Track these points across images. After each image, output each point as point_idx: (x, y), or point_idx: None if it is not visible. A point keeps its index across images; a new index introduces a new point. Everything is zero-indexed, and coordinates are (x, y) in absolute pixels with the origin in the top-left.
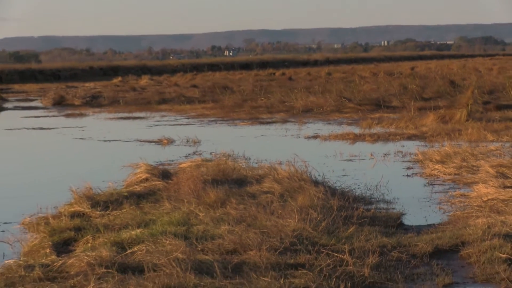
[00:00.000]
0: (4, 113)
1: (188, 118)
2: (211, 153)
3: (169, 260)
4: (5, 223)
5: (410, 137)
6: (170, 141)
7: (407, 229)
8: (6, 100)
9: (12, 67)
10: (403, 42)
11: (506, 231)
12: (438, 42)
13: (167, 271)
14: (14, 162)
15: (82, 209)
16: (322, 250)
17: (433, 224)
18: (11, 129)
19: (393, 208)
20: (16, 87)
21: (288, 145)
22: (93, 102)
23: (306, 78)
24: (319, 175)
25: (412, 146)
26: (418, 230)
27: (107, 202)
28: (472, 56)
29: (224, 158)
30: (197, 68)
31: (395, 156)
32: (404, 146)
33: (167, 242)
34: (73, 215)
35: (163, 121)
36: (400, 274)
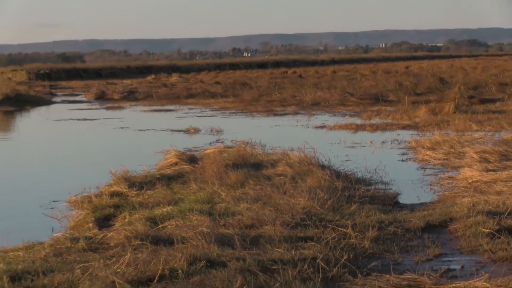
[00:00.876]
0: (53, 106)
1: (212, 111)
2: (232, 141)
3: (195, 233)
4: (54, 201)
5: (404, 127)
6: (197, 130)
7: (402, 207)
8: (55, 95)
9: (60, 66)
10: (399, 44)
11: (488, 209)
12: (430, 45)
13: (194, 243)
14: (62, 149)
15: (120, 189)
16: (328, 225)
17: (425, 203)
18: (59, 120)
19: (390, 189)
20: (64, 83)
21: (299, 134)
22: (130, 96)
23: (314, 76)
24: (325, 160)
25: (407, 135)
26: (412, 207)
27: (141, 183)
28: (459, 56)
29: (243, 145)
30: (219, 67)
31: (391, 143)
32: (399, 135)
33: (194, 218)
34: (113, 195)
35: (190, 113)
36: (396, 246)
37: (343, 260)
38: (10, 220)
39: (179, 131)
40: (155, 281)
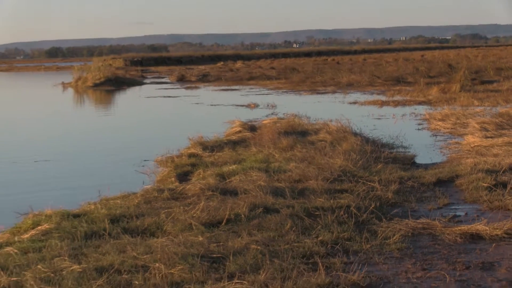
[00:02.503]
0: (144, 86)
1: (268, 90)
2: (283, 113)
3: (255, 186)
4: (145, 160)
5: (420, 103)
6: (256, 105)
7: (418, 166)
8: (145, 78)
9: (149, 55)
10: (416, 37)
11: (487, 168)
12: (440, 38)
13: (253, 194)
14: (151, 119)
15: (196, 151)
16: (359, 180)
17: (436, 163)
18: (149, 97)
19: (408, 152)
20: (152, 68)
21: (336, 108)
22: (204, 79)
23: (348, 63)
24: (357, 129)
25: (422, 109)
26: (426, 166)
27: (213, 146)
28: (464, 47)
29: (292, 117)
30: (274, 56)
31: (409, 116)
32: (416, 109)
33: (253, 174)
34: (190, 155)
35: (251, 92)
36: (413, 197)
37: (371, 208)
38: (110, 175)
39: (242, 106)
40: (223, 223)
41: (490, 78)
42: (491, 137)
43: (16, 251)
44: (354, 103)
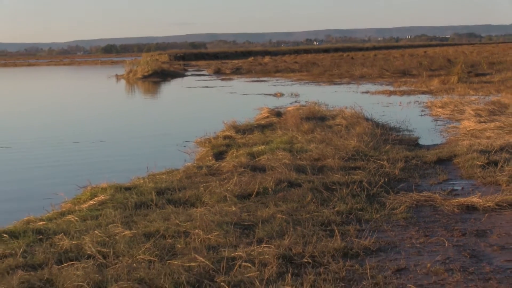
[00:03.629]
0: (186, 78)
1: (292, 81)
2: (305, 101)
3: (280, 164)
4: (186, 141)
5: (423, 93)
6: (281, 94)
7: (421, 147)
8: (187, 71)
9: (190, 51)
10: (420, 36)
11: (481, 148)
12: (440, 36)
13: (279, 170)
14: (191, 106)
15: (230, 134)
16: (370, 159)
17: (437, 144)
18: (190, 87)
19: (413, 134)
20: (192, 63)
21: (350, 97)
22: (237, 71)
23: (361, 58)
24: (368, 115)
25: (424, 98)
26: (428, 147)
27: (244, 130)
28: (461, 44)
29: (313, 104)
30: (297, 52)
31: (414, 104)
32: (419, 98)
33: (279, 153)
34: (225, 137)
35: (277, 83)
36: (416, 173)
37: (380, 182)
38: (157, 154)
39: (270, 94)
40: (253, 196)
41: (483, 71)
42: (484, 122)
43: (76, 218)
44: (366, 92)
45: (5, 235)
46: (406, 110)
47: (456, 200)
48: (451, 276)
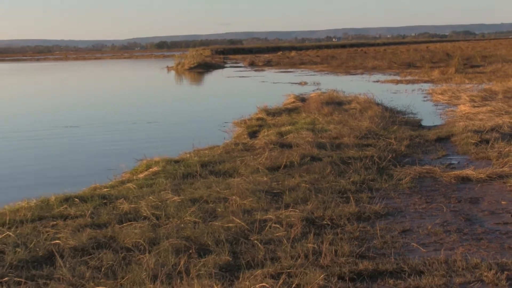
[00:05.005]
0: (225, 69)
1: (314, 72)
2: (325, 89)
3: (304, 141)
4: (225, 122)
5: (425, 82)
6: (305, 83)
7: (423, 127)
8: (226, 63)
9: (228, 47)
10: (423, 34)
11: (474, 129)
12: (441, 34)
13: (303, 147)
14: (229, 92)
15: (262, 116)
16: (380, 137)
17: (437, 125)
18: (228, 77)
19: (416, 117)
20: (231, 57)
21: (363, 85)
22: (268, 64)
23: (373, 52)
24: (379, 100)
25: (426, 86)
26: (429, 128)
27: (274, 113)
28: (458, 41)
29: (332, 91)
30: (319, 47)
31: (417, 91)
32: (422, 86)
33: (303, 133)
34: (258, 119)
35: (302, 73)
36: (419, 150)
37: (389, 157)
38: (201, 132)
39: (295, 83)
40: (281, 168)
41: (477, 63)
42: (477, 107)
43: (134, 186)
44: (377, 81)
45: (76, 199)
46: (411, 97)
47: (453, 173)
48: (448, 236)
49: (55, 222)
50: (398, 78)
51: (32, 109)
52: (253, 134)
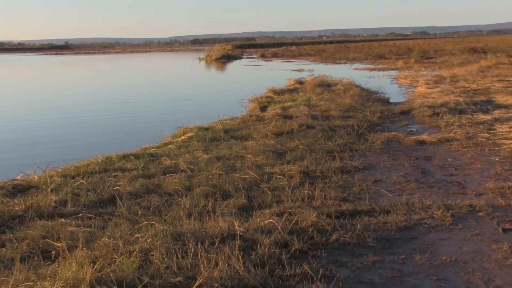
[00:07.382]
0: (242, 60)
1: (309, 62)
2: (317, 74)
3: (302, 113)
4: (242, 99)
5: (393, 69)
6: (302, 70)
7: (391, 103)
8: (243, 55)
9: (245, 43)
10: (391, 33)
11: (428, 105)
12: (404, 34)
13: (301, 117)
14: (245, 77)
15: (270, 95)
16: (359, 111)
17: (401, 102)
18: (245, 65)
19: (386, 95)
20: (247, 50)
21: (347, 72)
22: (275, 55)
23: (353, 47)
24: (358, 83)
25: (393, 73)
26: (395, 104)
27: (279, 92)
28: (417, 39)
29: (322, 76)
30: (313, 43)
31: (387, 76)
32: (390, 72)
33: (301, 107)
34: (267, 97)
35: (300, 63)
36: (388, 120)
37: (365, 126)
38: (223, 107)
39: (295, 70)
40: (284, 134)
41: (431, 55)
42: (431, 88)
43: (174, 147)
44: (356, 69)
45: (131, 156)
46: (382, 80)
47: (413, 137)
48: (408, 184)
49: (116, 174)
50: (372, 66)
51: (96, 88)
52: (263, 108)
